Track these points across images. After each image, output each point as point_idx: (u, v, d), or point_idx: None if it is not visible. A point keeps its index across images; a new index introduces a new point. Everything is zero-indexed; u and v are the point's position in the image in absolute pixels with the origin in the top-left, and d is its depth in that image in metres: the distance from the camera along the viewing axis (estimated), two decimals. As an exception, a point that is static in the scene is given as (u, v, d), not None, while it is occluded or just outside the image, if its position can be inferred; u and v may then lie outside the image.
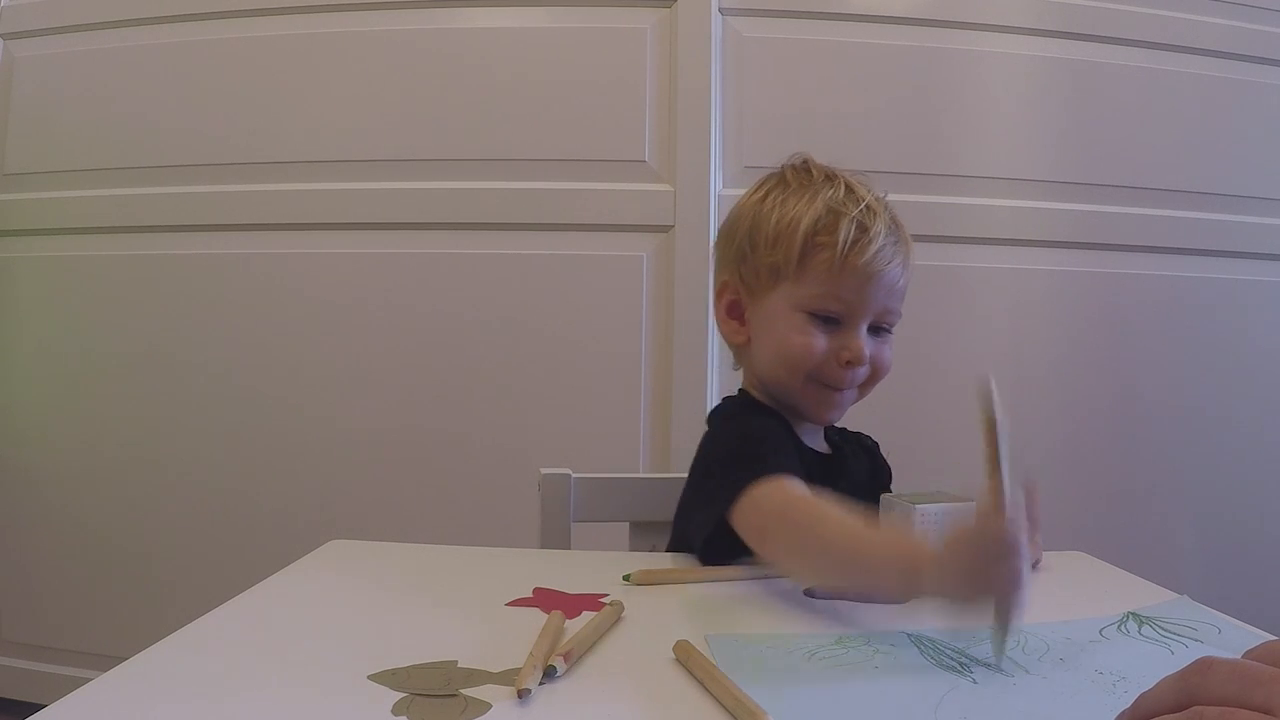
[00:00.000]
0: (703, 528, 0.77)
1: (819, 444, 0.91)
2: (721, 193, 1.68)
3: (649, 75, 1.69)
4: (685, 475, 0.87)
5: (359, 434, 1.72)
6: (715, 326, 0.92)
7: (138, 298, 1.78)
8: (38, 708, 0.43)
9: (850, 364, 0.81)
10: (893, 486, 0.96)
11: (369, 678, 0.48)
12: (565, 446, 1.67)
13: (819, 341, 0.81)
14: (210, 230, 1.77)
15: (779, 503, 0.71)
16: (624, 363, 1.68)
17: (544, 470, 1.00)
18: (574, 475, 1.00)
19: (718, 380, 1.68)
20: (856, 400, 0.86)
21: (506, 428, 1.70)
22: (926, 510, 0.76)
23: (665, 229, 1.68)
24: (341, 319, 1.73)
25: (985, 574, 0.54)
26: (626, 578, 0.72)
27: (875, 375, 0.84)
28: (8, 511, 1.85)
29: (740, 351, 0.91)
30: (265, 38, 1.76)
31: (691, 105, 1.67)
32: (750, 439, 0.80)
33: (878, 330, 0.84)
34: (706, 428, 0.90)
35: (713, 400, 1.67)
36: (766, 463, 0.74)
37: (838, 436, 0.95)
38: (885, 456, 0.99)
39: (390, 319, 1.72)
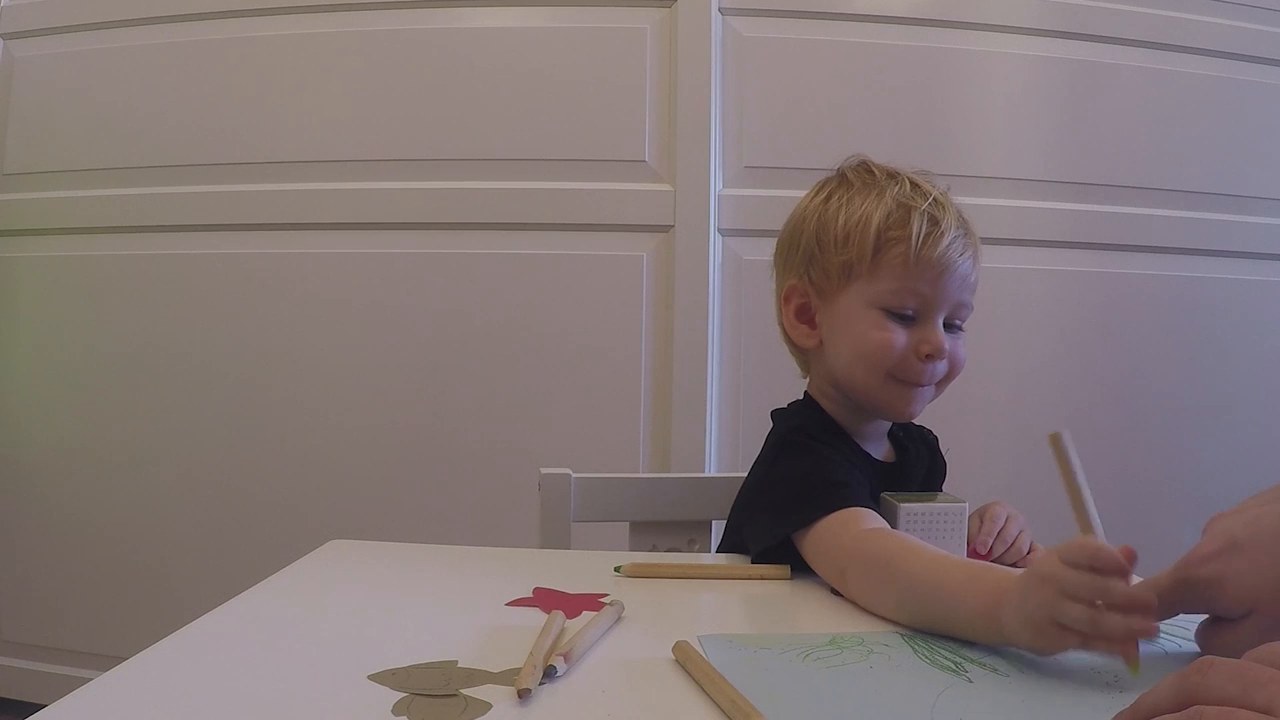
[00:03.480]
0: (763, 539, 0.77)
1: (882, 450, 0.89)
2: (721, 193, 1.68)
3: (649, 75, 1.69)
4: (685, 475, 0.87)
5: (359, 434, 1.72)
6: (783, 335, 0.89)
7: (138, 298, 1.78)
8: (38, 708, 0.43)
9: (930, 357, 0.80)
10: (944, 485, 0.95)
11: (369, 678, 0.48)
12: (565, 446, 1.67)
13: (898, 337, 0.80)
14: (210, 230, 1.77)
15: (855, 538, 0.69)
16: (624, 363, 1.68)
17: (544, 470, 1.00)
18: (574, 475, 1.00)
19: (718, 380, 1.68)
20: (934, 397, 0.84)
21: (506, 428, 1.69)
22: (912, 510, 0.76)
23: (665, 229, 1.68)
24: (341, 319, 1.73)
25: (1056, 620, 0.51)
26: (617, 569, 0.72)
27: (952, 372, 0.83)
28: (8, 511, 1.85)
29: (811, 356, 0.88)
30: (265, 38, 1.76)
31: (691, 105, 1.67)
32: (828, 462, 0.79)
33: (950, 327, 0.83)
34: (771, 423, 0.89)
35: (713, 399, 1.67)
36: (845, 491, 0.74)
37: (901, 432, 0.93)
38: (944, 453, 0.97)
39: (390, 319, 1.72)
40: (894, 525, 0.75)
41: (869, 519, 0.72)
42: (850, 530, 0.70)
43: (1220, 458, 1.75)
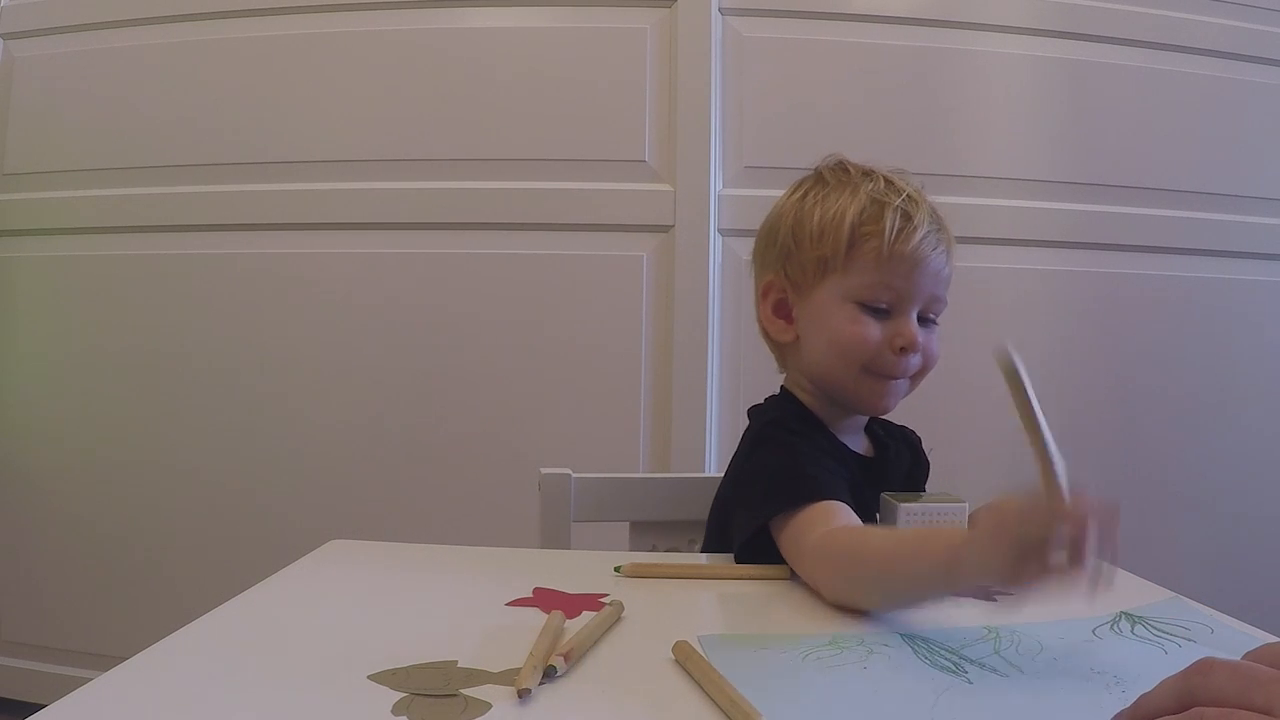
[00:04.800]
0: (742, 532, 0.78)
1: (860, 444, 0.90)
2: (721, 193, 1.68)
3: (649, 75, 1.69)
4: (685, 475, 0.88)
5: (359, 434, 1.72)
6: (761, 330, 0.90)
7: (138, 298, 1.78)
8: (38, 708, 0.43)
9: (905, 350, 0.81)
10: (928, 485, 0.95)
11: (369, 678, 0.48)
12: (565, 446, 1.67)
13: (872, 330, 0.81)
14: (210, 230, 1.77)
15: (818, 540, 0.70)
16: (624, 363, 1.68)
17: (544, 470, 1.00)
18: (574, 475, 1.01)
19: (718, 380, 1.68)
20: (909, 391, 0.85)
21: (506, 428, 1.70)
22: (911, 509, 0.76)
23: (665, 229, 1.68)
24: (341, 319, 1.73)
25: (1016, 558, 0.54)
26: (617, 569, 0.72)
27: (925, 366, 0.84)
28: (8, 511, 1.85)
29: (787, 350, 0.89)
30: (266, 38, 1.76)
31: (691, 105, 1.67)
32: (800, 455, 0.79)
33: (924, 321, 0.84)
34: (747, 421, 0.90)
35: (713, 399, 1.67)
36: (814, 484, 0.75)
37: (881, 430, 0.93)
38: (926, 453, 0.98)
39: (391, 319, 1.72)
40: (893, 525, 0.75)
41: (837, 515, 0.72)
42: (816, 531, 0.70)
43: (1220, 458, 1.75)
